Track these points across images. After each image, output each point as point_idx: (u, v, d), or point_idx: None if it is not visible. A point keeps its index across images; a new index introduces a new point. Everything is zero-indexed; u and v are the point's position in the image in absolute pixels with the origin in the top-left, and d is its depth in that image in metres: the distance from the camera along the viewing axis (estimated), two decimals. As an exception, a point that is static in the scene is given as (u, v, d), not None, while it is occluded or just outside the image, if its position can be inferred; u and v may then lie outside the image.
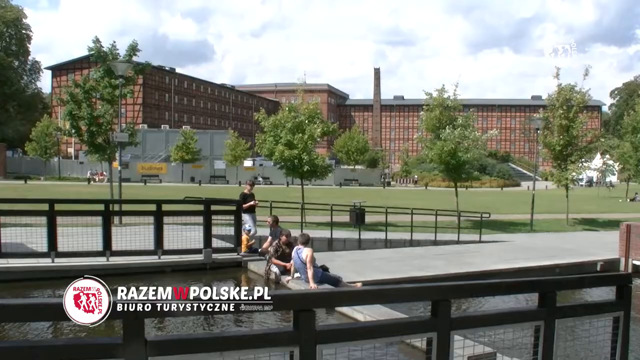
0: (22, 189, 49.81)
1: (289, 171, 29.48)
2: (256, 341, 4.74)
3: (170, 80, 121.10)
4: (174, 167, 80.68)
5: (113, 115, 26.79)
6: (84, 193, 43.12)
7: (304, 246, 14.08)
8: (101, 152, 27.17)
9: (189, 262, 16.58)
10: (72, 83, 28.03)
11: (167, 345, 4.43)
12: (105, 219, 16.17)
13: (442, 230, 26.36)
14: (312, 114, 29.07)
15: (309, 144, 28.15)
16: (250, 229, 18.87)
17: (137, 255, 16.20)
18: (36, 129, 80.00)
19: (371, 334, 5.30)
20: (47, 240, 15.50)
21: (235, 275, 16.69)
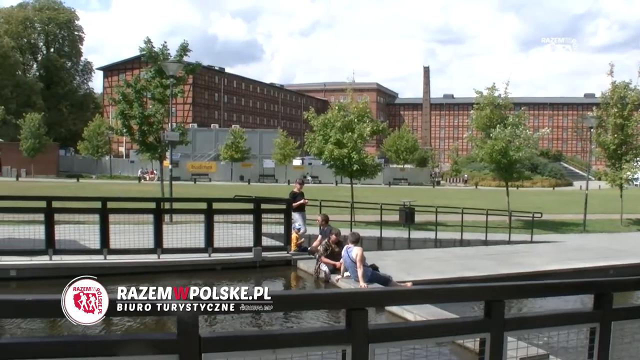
0: (74, 187, 50.66)
1: (339, 170, 29.44)
2: (309, 339, 4.73)
3: (219, 79, 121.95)
4: (223, 166, 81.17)
5: (164, 115, 27.04)
6: (134, 191, 43.64)
7: (354, 245, 14.05)
8: (152, 151, 27.45)
9: (239, 260, 16.68)
10: (123, 83, 28.38)
11: (220, 342, 4.44)
12: (156, 216, 16.33)
13: (492, 230, 26.08)
14: (362, 112, 29.00)
15: (359, 143, 28.07)
16: (300, 228, 18.89)
17: (188, 253, 16.36)
18: (88, 129, 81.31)
19: (423, 334, 5.24)
20: (100, 237, 15.72)
21: (284, 274, 16.72)
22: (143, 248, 15.99)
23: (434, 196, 49.77)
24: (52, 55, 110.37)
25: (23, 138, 73.58)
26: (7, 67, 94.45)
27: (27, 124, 73.24)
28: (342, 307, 5.09)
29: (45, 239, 15.33)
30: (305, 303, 5.39)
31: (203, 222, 16.85)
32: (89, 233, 16.35)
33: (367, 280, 13.73)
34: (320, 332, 5.22)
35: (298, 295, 6.26)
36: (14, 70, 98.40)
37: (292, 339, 4.69)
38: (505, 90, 30.77)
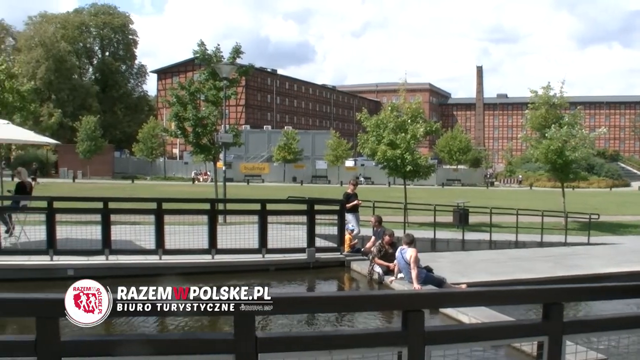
0: (130, 188, 51.34)
1: (392, 171, 29.31)
2: (365, 340, 4.70)
3: (272, 81, 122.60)
4: (276, 167, 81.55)
5: (217, 117, 27.22)
6: (188, 192, 44.08)
7: (409, 246, 13.97)
8: (206, 153, 27.65)
9: (293, 261, 16.68)
10: (177, 85, 28.65)
11: (277, 342, 4.44)
12: (210, 217, 16.46)
13: (548, 232, 25.68)
14: (415, 113, 28.85)
15: (412, 144, 27.90)
16: (354, 229, 18.84)
17: (242, 254, 16.41)
18: (142, 131, 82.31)
19: (480, 336, 5.18)
20: (155, 237, 15.88)
21: (338, 275, 16.68)
22: (197, 249, 16.12)
23: (487, 197, 49.33)
24: (107, 59, 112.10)
25: (79, 140, 74.96)
26: (64, 71, 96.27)
27: (83, 127, 74.60)
28: (398, 308, 5.05)
29: (102, 239, 15.55)
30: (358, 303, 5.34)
31: (256, 223, 16.90)
32: (144, 233, 16.54)
33: (421, 282, 13.63)
34: (376, 334, 5.20)
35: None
36: (70, 74, 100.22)
37: (348, 340, 4.67)
38: (561, 89, 30.35)
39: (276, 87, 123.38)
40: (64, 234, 16.21)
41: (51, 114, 66.87)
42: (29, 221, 16.98)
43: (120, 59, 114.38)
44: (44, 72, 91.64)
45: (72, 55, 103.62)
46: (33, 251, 15.76)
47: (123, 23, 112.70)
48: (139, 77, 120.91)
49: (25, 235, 16.54)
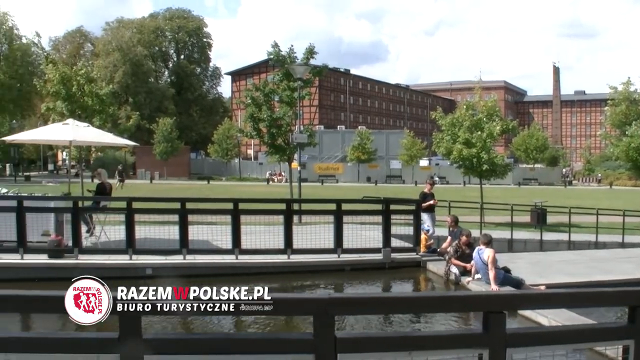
0: (205, 189, 52.02)
1: (467, 170, 28.95)
2: (445, 342, 4.64)
3: (345, 81, 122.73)
4: (350, 167, 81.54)
5: (292, 117, 27.35)
6: (264, 193, 44.43)
7: (486, 247, 13.79)
8: (281, 153, 27.77)
9: (368, 261, 16.64)
10: (252, 87, 28.89)
11: (356, 342, 4.42)
12: (286, 217, 16.53)
13: (630, 232, 24.94)
14: (491, 111, 28.44)
15: (488, 142, 27.49)
16: (429, 229, 18.71)
17: (317, 254, 16.44)
18: (218, 132, 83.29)
19: (562, 340, 5.05)
20: (232, 237, 16.03)
21: (414, 276, 16.58)
22: (273, 248, 16.22)
23: (566, 196, 48.32)
24: (183, 62, 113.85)
25: (156, 142, 76.45)
26: (140, 74, 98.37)
27: (160, 129, 76.07)
28: (479, 309, 4.96)
29: (180, 238, 15.78)
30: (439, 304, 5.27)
31: (331, 223, 16.92)
32: (221, 233, 16.73)
33: (499, 283, 13.44)
34: (456, 335, 5.12)
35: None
36: (147, 78, 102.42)
37: (428, 341, 4.62)
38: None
39: (349, 87, 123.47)
40: (143, 233, 16.51)
41: (129, 116, 68.05)
42: (108, 221, 17.35)
43: (195, 61, 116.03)
44: (121, 76, 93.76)
45: (148, 59, 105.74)
46: (113, 250, 16.13)
47: (197, 26, 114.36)
48: (214, 79, 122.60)
49: (105, 235, 16.92)
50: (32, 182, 61.39)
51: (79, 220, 16.05)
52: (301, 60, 26.83)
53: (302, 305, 4.54)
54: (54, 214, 16.39)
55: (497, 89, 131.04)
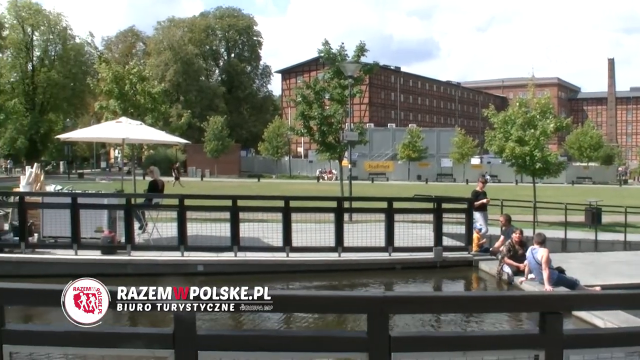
0: (256, 186, 52.35)
1: (520, 168, 28.57)
2: (500, 342, 4.56)
3: (395, 79, 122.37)
4: (400, 165, 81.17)
5: (343, 115, 27.32)
6: (314, 191, 44.45)
7: (540, 246, 13.58)
8: (332, 151, 27.77)
9: (419, 260, 16.56)
10: (303, 85, 28.94)
11: (410, 341, 4.37)
12: (337, 215, 16.50)
13: (690, 232, 24.39)
14: (544, 108, 28.01)
15: (541, 140, 27.09)
16: (482, 228, 18.51)
17: (368, 252, 16.41)
18: (268, 130, 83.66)
19: (620, 342, 4.92)
20: (283, 235, 16.07)
21: (465, 275, 16.45)
22: (324, 246, 16.20)
23: (621, 195, 47.45)
24: (233, 61, 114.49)
25: (207, 140, 77.16)
26: (191, 73, 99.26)
27: (210, 127, 76.76)
28: (535, 309, 4.87)
29: (231, 236, 15.87)
30: (494, 303, 5.19)
31: (382, 221, 16.86)
32: (271, 231, 16.83)
33: (552, 284, 13.23)
34: (511, 335, 5.03)
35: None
36: (197, 76, 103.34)
37: (483, 342, 4.55)
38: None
39: (400, 84, 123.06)
40: (194, 230, 16.65)
41: (180, 114, 68.88)
42: (160, 218, 17.53)
43: (246, 60, 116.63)
44: (172, 74, 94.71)
45: (199, 58, 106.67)
46: (165, 247, 16.29)
47: (247, 25, 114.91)
48: (264, 77, 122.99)
49: (157, 231, 17.07)
50: (85, 180, 62.40)
51: (132, 217, 16.25)
52: (352, 58, 26.78)
53: (357, 303, 4.51)
54: (107, 210, 16.65)
55: (550, 85, 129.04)
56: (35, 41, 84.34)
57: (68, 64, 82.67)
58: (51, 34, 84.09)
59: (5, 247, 15.91)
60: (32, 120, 74.61)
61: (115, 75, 31.32)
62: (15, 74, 79.54)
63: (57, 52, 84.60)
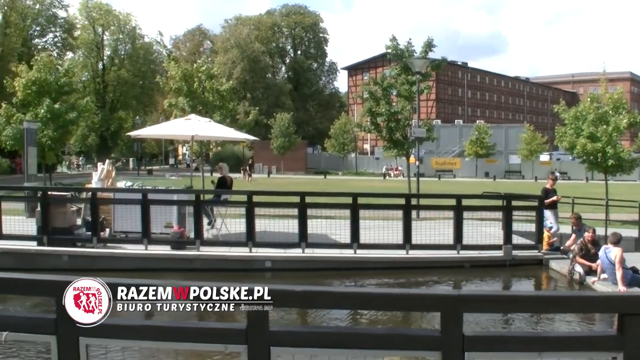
0: (322, 183, 52.40)
1: (591, 165, 27.97)
2: (577, 344, 4.44)
3: (462, 74, 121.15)
4: (467, 162, 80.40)
5: (410, 111, 27.17)
6: (381, 187, 44.29)
7: (614, 246, 13.27)
8: (399, 148, 27.64)
9: (488, 258, 16.37)
10: (370, 81, 28.90)
11: (485, 341, 4.29)
12: (405, 212, 16.40)
13: None
14: (617, 104, 27.36)
15: (614, 137, 26.48)
16: (552, 226, 18.18)
17: (436, 250, 16.27)
18: (334, 127, 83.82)
19: None
20: (350, 232, 16.06)
21: (535, 274, 16.20)
22: (392, 244, 16.13)
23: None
24: (299, 58, 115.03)
25: (274, 137, 77.75)
26: (258, 70, 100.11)
27: (277, 124, 77.34)
28: (614, 311, 4.73)
29: (299, 232, 15.93)
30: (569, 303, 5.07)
31: (450, 218, 16.73)
32: (338, 227, 16.80)
33: (626, 284, 12.92)
34: (589, 337, 4.89)
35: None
36: (264, 74, 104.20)
37: (559, 343, 4.43)
38: None
39: (467, 80, 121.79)
40: (262, 227, 16.77)
41: (247, 112, 69.65)
42: (229, 214, 17.70)
43: (312, 57, 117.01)
44: (239, 72, 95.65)
45: (265, 55, 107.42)
46: (233, 243, 16.47)
47: (314, 22, 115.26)
48: (330, 74, 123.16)
49: (226, 227, 17.25)
50: (154, 176, 63.38)
51: (201, 213, 16.44)
52: (419, 54, 26.63)
53: (430, 301, 4.45)
54: (176, 206, 16.90)
55: (622, 80, 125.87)
56: (105, 41, 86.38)
57: (137, 62, 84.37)
58: (121, 33, 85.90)
59: (78, 242, 16.28)
60: (103, 117, 76.16)
61: (184, 73, 31.80)
62: (87, 73, 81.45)
63: (127, 51, 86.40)
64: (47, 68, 31.47)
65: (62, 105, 30.65)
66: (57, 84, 31.15)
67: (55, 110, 29.90)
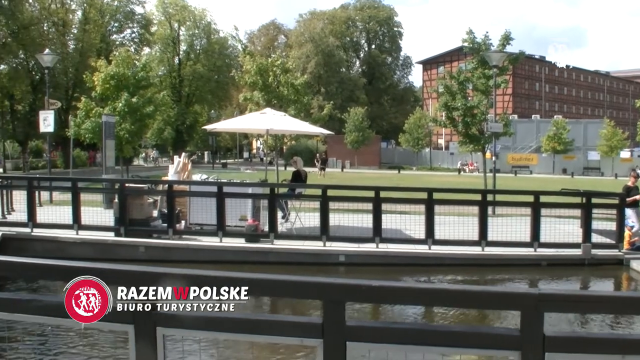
0: (396, 178, 52.23)
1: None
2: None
3: (540, 68, 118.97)
4: (544, 158, 79.00)
5: (487, 106, 26.84)
6: (455, 183, 43.94)
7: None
8: (475, 143, 27.35)
9: (566, 257, 16.01)
10: (447, 75, 28.64)
11: (567, 342, 4.16)
12: (481, 208, 16.19)
13: None
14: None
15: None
16: (634, 225, 17.65)
17: (513, 247, 15.99)
18: (408, 121, 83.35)
19: None
20: (425, 227, 15.92)
21: (615, 274, 15.81)
22: (467, 240, 15.94)
23: None
24: (374, 52, 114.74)
25: (347, 131, 77.81)
26: (332, 65, 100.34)
27: (351, 118, 77.39)
28: None
29: (373, 227, 15.88)
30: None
31: (527, 215, 16.44)
32: (412, 223, 16.67)
33: None
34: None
35: None
36: (338, 68, 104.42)
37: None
38: None
39: (544, 74, 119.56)
40: (336, 221, 16.75)
41: (321, 106, 69.85)
42: (303, 208, 17.75)
43: (386, 51, 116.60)
44: (313, 66, 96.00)
45: (339, 50, 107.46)
46: (307, 237, 16.51)
47: (388, 16, 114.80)
48: (405, 68, 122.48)
49: (300, 221, 17.31)
50: (229, 169, 64.19)
51: (275, 207, 16.54)
52: (497, 47, 26.26)
53: (510, 299, 4.34)
54: (251, 199, 17.03)
55: None
56: (181, 36, 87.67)
57: (212, 57, 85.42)
58: (196, 28, 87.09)
59: (154, 233, 16.58)
60: (179, 111, 77.34)
61: (260, 68, 32.00)
62: (163, 67, 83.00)
63: (202, 46, 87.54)
64: (125, 63, 32.17)
65: (140, 99, 31.31)
66: (135, 78, 31.81)
67: (132, 104, 30.55)
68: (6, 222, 17.79)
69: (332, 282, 4.01)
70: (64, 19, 61.45)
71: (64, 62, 55.05)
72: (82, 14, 66.45)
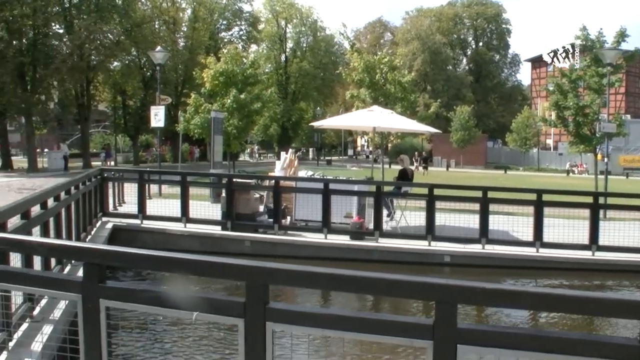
0: (502, 178, 51.35)
1: None
2: None
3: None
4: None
5: (599, 105, 26.05)
6: (564, 184, 42.95)
7: None
8: (586, 143, 26.59)
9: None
10: (559, 73, 27.96)
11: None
12: (593, 211, 15.68)
13: None
14: None
15: None
16: None
17: (626, 252, 15.40)
18: (516, 120, 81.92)
19: None
20: (534, 229, 15.55)
21: None
22: (576, 244, 15.45)
23: None
24: (481, 49, 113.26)
25: (453, 130, 77.11)
26: (438, 62, 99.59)
27: (457, 117, 76.69)
28: None
29: (479, 227, 15.62)
30: None
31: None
32: (520, 224, 16.30)
33: None
34: None
35: None
36: (445, 65, 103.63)
37: None
38: None
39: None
40: (441, 220, 16.58)
41: (427, 104, 69.43)
42: (408, 207, 17.63)
43: (494, 48, 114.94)
44: (420, 64, 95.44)
45: (446, 47, 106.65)
46: (412, 236, 16.39)
47: (496, 13, 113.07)
48: (513, 66, 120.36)
49: (405, 219, 17.20)
50: (333, 166, 64.41)
51: (381, 204, 16.49)
52: (611, 44, 25.43)
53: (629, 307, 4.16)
54: (356, 197, 17.03)
55: None
56: (288, 34, 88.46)
57: (318, 54, 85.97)
58: (303, 26, 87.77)
59: (260, 228, 16.80)
60: (285, 108, 78.06)
61: (367, 65, 32.00)
62: (270, 65, 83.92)
63: (309, 43, 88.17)
64: (234, 60, 32.79)
65: (248, 95, 31.86)
66: (243, 75, 32.38)
67: (241, 101, 31.10)
68: (117, 213, 18.29)
69: (445, 283, 3.94)
70: (174, 17, 63.17)
71: (174, 59, 56.42)
72: (191, 12, 68.05)
